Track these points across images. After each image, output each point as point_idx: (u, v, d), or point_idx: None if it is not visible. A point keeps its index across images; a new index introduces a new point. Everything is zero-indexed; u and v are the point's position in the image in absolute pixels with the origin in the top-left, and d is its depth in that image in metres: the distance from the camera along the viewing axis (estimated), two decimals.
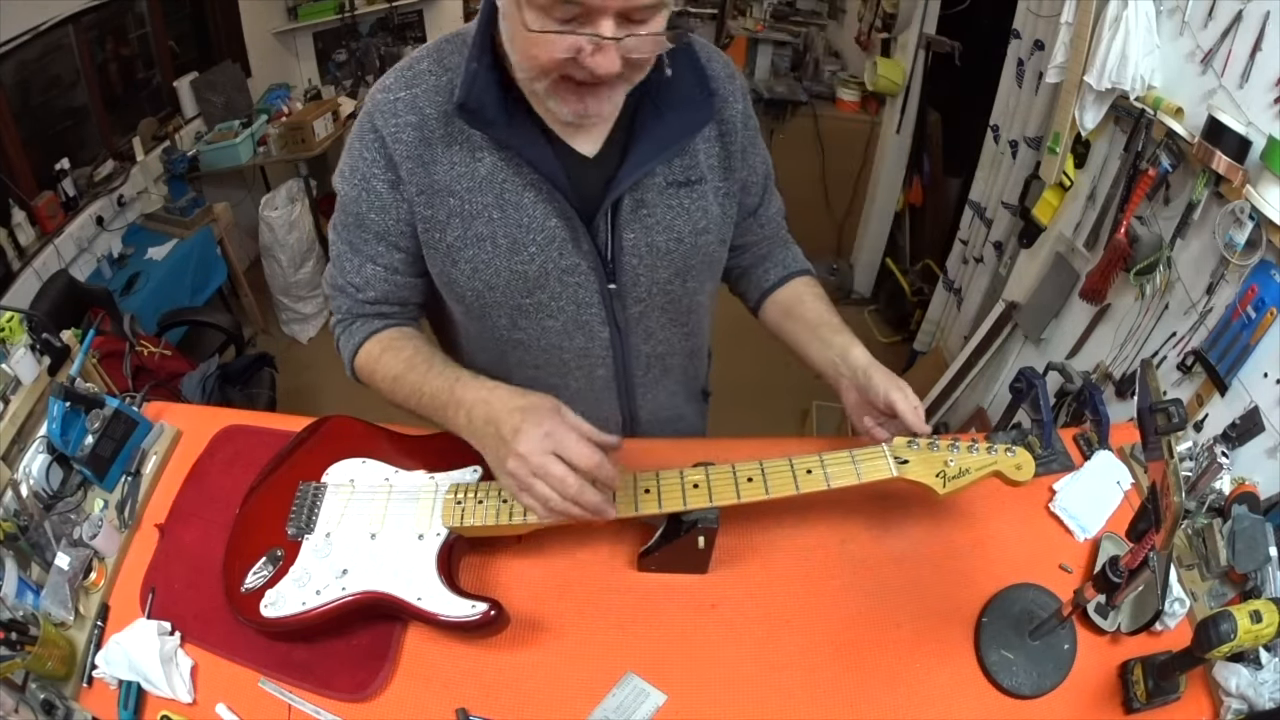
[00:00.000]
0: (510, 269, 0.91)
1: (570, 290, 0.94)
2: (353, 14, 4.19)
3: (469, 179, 0.88)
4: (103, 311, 2.35)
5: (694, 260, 0.97)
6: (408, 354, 0.97)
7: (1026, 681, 0.88)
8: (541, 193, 0.88)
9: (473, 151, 0.87)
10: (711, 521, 0.90)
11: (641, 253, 0.93)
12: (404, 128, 0.87)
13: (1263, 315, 1.13)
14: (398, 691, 0.87)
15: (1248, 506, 1.00)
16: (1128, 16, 1.41)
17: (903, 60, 3.09)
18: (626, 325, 0.99)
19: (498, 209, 0.88)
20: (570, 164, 0.89)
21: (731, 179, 0.98)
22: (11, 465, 1.05)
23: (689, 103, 0.89)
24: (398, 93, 0.87)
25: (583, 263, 0.92)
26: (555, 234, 0.90)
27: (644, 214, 0.92)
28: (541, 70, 0.76)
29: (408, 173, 0.88)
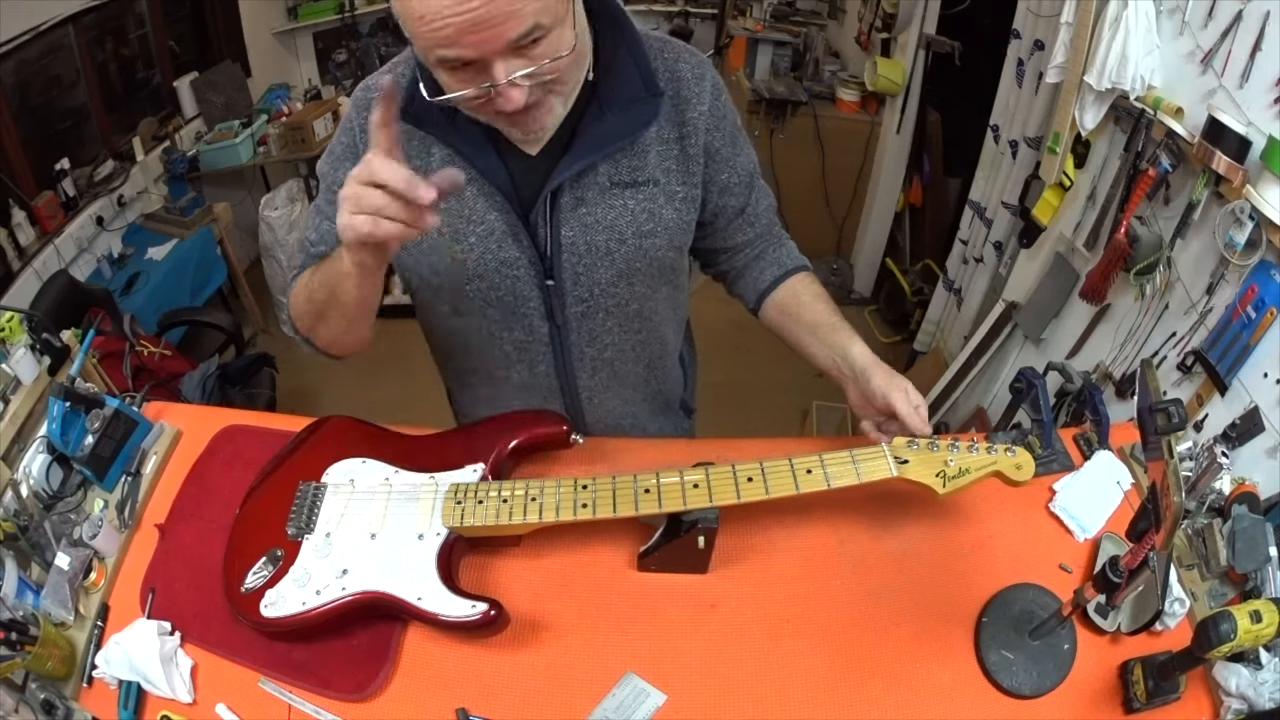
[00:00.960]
0: (451, 256, 0.94)
1: (509, 283, 0.96)
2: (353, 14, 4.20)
3: (424, 172, 0.85)
4: (103, 311, 2.35)
5: (638, 263, 0.97)
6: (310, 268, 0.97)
7: (1026, 681, 0.87)
8: (483, 188, 0.92)
9: (426, 149, 0.92)
10: (711, 521, 0.90)
11: (580, 251, 0.95)
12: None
13: (1263, 315, 1.13)
14: (398, 691, 0.87)
15: (1248, 506, 1.00)
16: (1128, 16, 1.41)
17: (903, 60, 3.08)
18: (566, 323, 1.01)
19: (444, 200, 0.87)
20: (513, 161, 0.91)
21: (690, 182, 0.97)
22: (11, 465, 1.05)
23: (633, 102, 0.90)
24: (372, 92, 0.92)
25: (522, 257, 0.95)
26: (494, 227, 0.93)
27: (583, 212, 0.93)
28: (465, 105, 0.81)
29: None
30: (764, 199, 1.09)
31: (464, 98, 0.77)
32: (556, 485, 0.92)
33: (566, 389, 1.09)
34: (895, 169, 3.35)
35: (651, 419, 1.21)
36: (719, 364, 1.29)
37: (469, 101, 0.78)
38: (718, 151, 0.98)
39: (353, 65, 4.43)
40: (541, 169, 0.92)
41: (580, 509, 0.90)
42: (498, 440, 0.99)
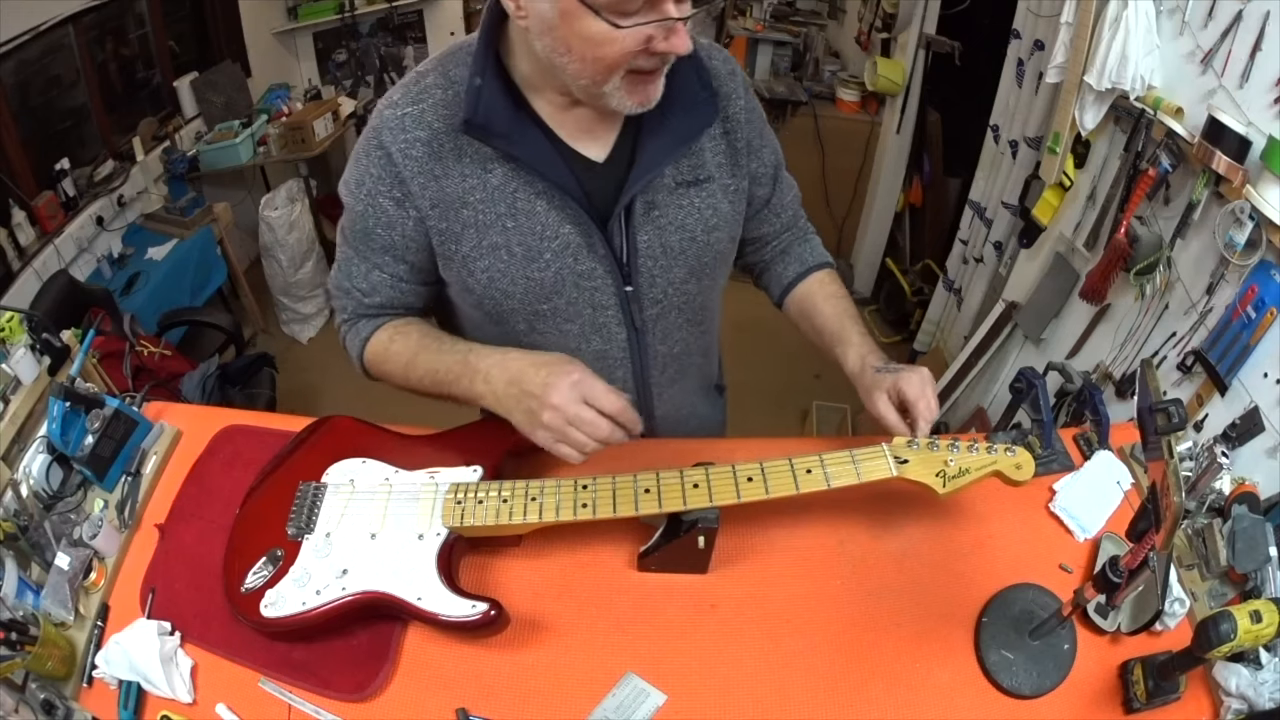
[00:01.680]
0: (526, 276, 0.92)
1: (587, 294, 0.95)
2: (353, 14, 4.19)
3: (481, 190, 0.88)
4: (103, 311, 2.35)
5: (706, 258, 0.99)
6: (416, 337, 0.99)
7: (1026, 681, 0.87)
8: (554, 200, 0.89)
9: (483, 163, 0.88)
10: (711, 521, 0.90)
11: (656, 254, 0.94)
12: (413, 143, 0.87)
13: (1263, 315, 1.13)
14: (398, 691, 0.87)
15: (1248, 506, 1.00)
16: (1128, 16, 1.41)
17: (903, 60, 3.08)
18: (644, 326, 1.00)
19: (511, 218, 0.89)
20: (580, 170, 0.90)
21: (739, 175, 0.99)
22: (11, 465, 1.05)
23: (693, 103, 0.90)
24: (404, 108, 0.88)
25: (598, 267, 0.93)
26: (569, 240, 0.91)
27: (656, 215, 0.93)
28: (611, 68, 0.77)
29: (419, 187, 0.89)
30: (789, 191, 1.10)
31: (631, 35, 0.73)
32: (556, 485, 0.92)
33: (640, 389, 1.08)
34: (895, 169, 3.35)
35: (702, 403, 1.22)
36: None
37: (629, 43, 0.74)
38: (749, 143, 0.99)
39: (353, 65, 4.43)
40: (611, 176, 0.91)
41: (580, 509, 0.90)
42: (498, 440, 0.99)
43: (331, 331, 3.56)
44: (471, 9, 4.44)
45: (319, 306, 3.54)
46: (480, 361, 0.91)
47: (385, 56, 4.49)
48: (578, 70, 0.78)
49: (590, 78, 0.78)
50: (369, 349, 1.03)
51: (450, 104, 0.87)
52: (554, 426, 0.83)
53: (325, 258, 3.53)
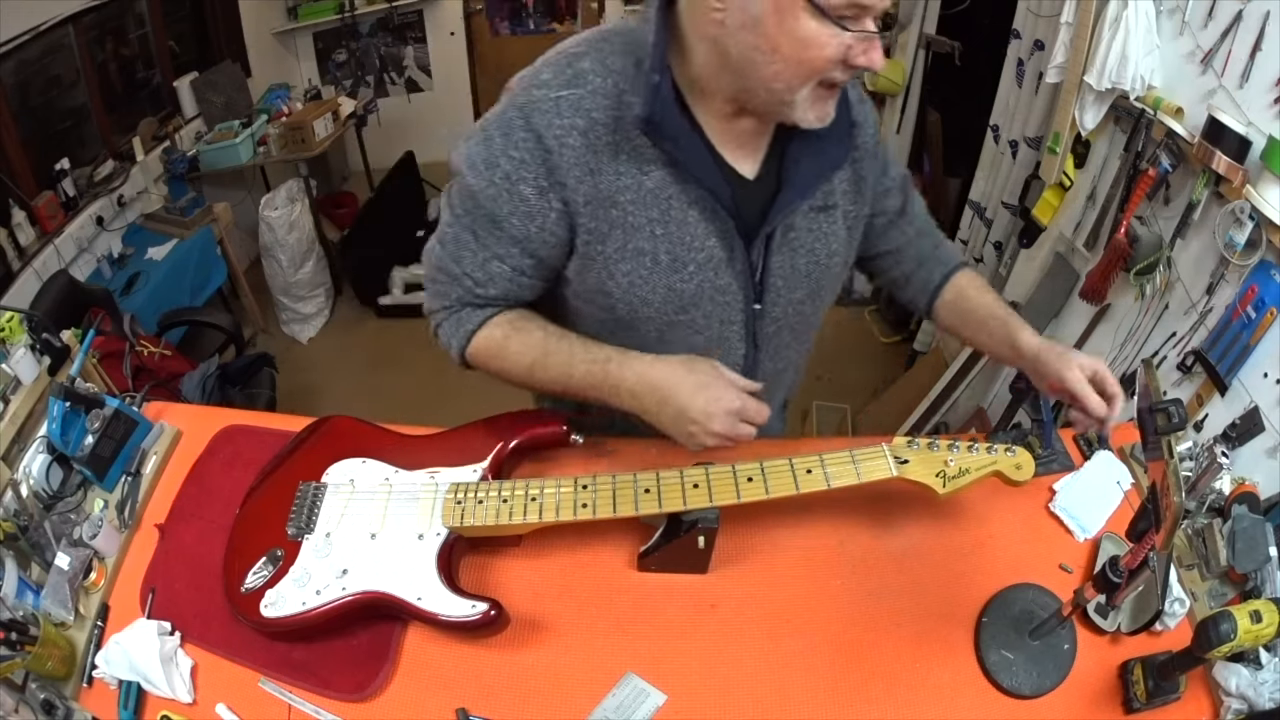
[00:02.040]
0: (668, 286, 0.90)
1: (720, 309, 0.94)
2: (353, 14, 4.20)
3: (634, 191, 0.85)
4: (103, 311, 2.35)
5: (824, 282, 0.98)
6: (539, 336, 0.94)
7: (1026, 681, 0.87)
8: (705, 212, 0.87)
9: (640, 164, 0.84)
10: (711, 521, 0.90)
11: (786, 274, 0.94)
12: (570, 131, 0.82)
13: (1263, 315, 1.13)
14: (398, 691, 0.87)
15: (1248, 506, 1.00)
16: (1128, 16, 1.41)
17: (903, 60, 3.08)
18: (761, 344, 1.00)
19: (661, 225, 0.87)
20: (732, 185, 0.88)
21: (860, 203, 0.98)
22: (11, 465, 1.05)
23: (837, 133, 0.88)
24: (559, 91, 0.82)
25: (734, 283, 0.92)
26: (713, 254, 0.89)
27: (791, 237, 0.92)
28: (811, 74, 0.76)
29: (575, 180, 0.84)
30: (918, 199, 1.09)
31: (835, 41, 0.73)
32: (556, 485, 0.92)
33: None
34: None
35: (776, 418, 1.21)
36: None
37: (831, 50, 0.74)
38: (883, 165, 1.00)
39: (353, 65, 4.43)
40: (758, 195, 0.89)
41: (580, 509, 0.90)
42: (498, 440, 0.99)
43: (332, 331, 3.58)
44: (471, 9, 4.44)
45: (319, 306, 3.55)
46: (622, 374, 0.89)
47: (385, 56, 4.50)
48: (776, 72, 0.76)
49: (787, 82, 0.76)
50: (476, 342, 0.96)
51: (609, 94, 0.82)
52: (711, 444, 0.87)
53: (325, 257, 3.53)
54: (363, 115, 3.88)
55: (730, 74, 0.79)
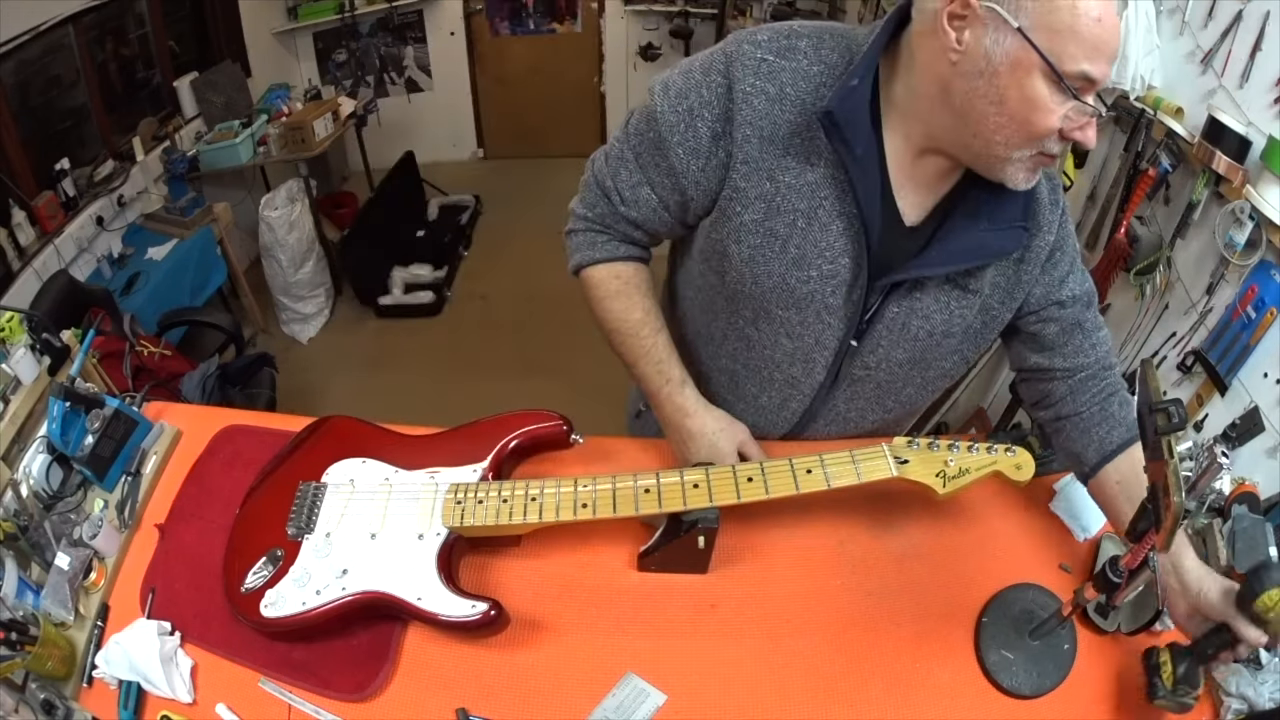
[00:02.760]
0: (783, 277, 0.90)
1: (819, 326, 0.93)
2: (353, 14, 4.20)
3: (794, 176, 0.85)
4: (103, 311, 2.35)
5: (930, 355, 0.97)
6: (636, 316, 1.00)
7: (1026, 681, 0.87)
8: (850, 228, 0.86)
9: (809, 154, 0.84)
10: (711, 521, 0.90)
11: (895, 328, 0.93)
12: (758, 93, 0.83)
13: (1263, 315, 1.13)
14: (398, 691, 0.87)
15: (1248, 506, 1.00)
16: (1128, 16, 1.41)
17: None
18: (841, 381, 0.99)
19: (804, 219, 0.87)
20: (886, 220, 0.87)
21: (1006, 304, 0.94)
22: (11, 465, 1.05)
23: (1008, 222, 0.86)
24: (767, 54, 0.84)
25: (843, 309, 0.91)
26: (839, 271, 0.89)
27: (915, 295, 0.91)
28: (1034, 137, 0.75)
29: (743, 137, 0.85)
30: (1102, 330, 0.99)
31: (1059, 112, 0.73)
32: (556, 485, 0.92)
33: (798, 425, 1.07)
34: None
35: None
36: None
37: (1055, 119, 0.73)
38: (1055, 269, 0.93)
39: (353, 65, 4.43)
40: (906, 241, 0.88)
41: (580, 509, 0.90)
42: (498, 440, 0.99)
43: (331, 331, 3.58)
44: (471, 9, 4.45)
45: (319, 306, 3.55)
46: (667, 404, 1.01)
47: (385, 56, 4.50)
48: (997, 126, 0.75)
49: (1008, 138, 0.76)
50: (592, 271, 1.01)
51: (810, 79, 0.83)
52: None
53: (325, 257, 3.53)
54: (363, 115, 3.88)
55: (947, 113, 0.78)
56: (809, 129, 0.84)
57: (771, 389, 1.02)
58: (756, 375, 1.02)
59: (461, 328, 3.59)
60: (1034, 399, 1.03)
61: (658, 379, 1.00)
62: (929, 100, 0.79)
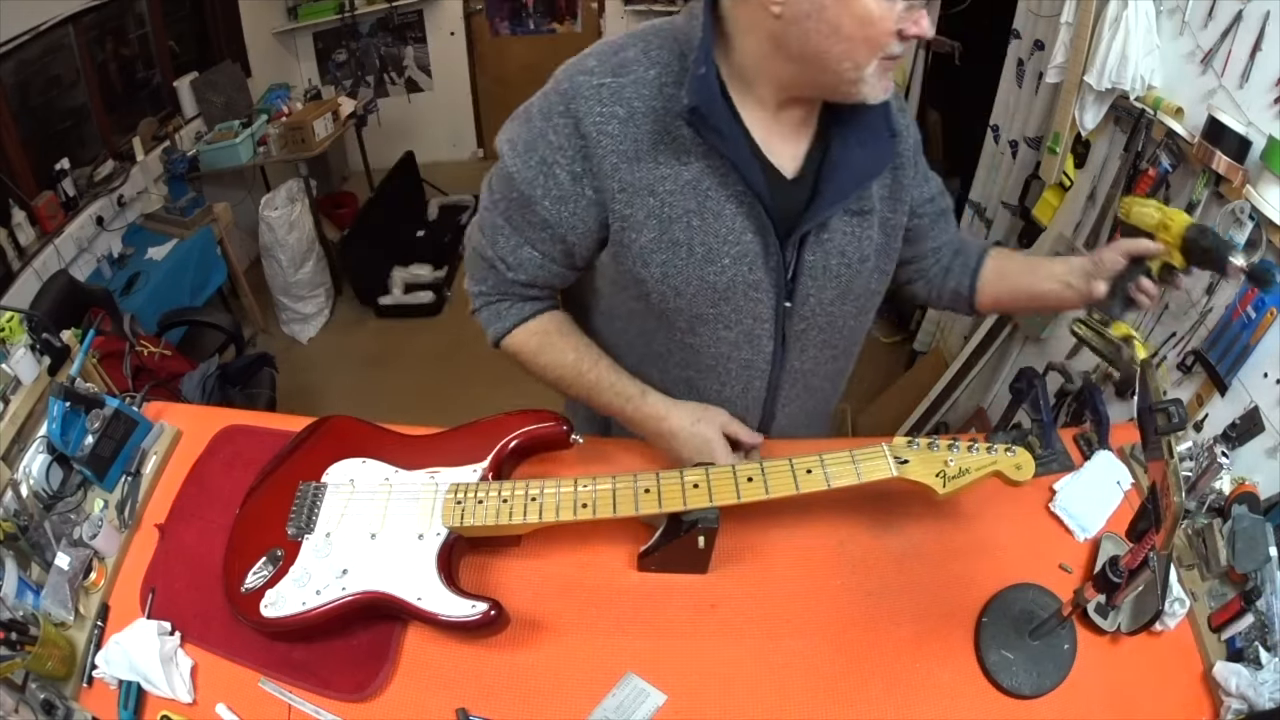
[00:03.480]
0: (701, 278, 0.90)
1: (751, 305, 0.94)
2: (353, 14, 4.20)
3: (672, 181, 0.86)
4: (103, 311, 2.35)
5: (856, 285, 0.98)
6: (572, 357, 1.00)
7: (1026, 681, 0.87)
8: (743, 206, 0.87)
9: (679, 154, 0.85)
10: (711, 521, 0.90)
11: (817, 274, 0.94)
12: (609, 119, 0.83)
13: (1263, 315, 1.13)
14: (398, 691, 0.87)
15: (1248, 506, 1.00)
16: (1128, 16, 1.41)
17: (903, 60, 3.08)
18: (788, 343, 1.00)
19: (698, 216, 0.87)
20: (771, 182, 0.88)
21: (899, 211, 0.98)
22: (11, 465, 1.05)
23: (878, 139, 0.90)
24: (603, 78, 0.84)
25: (766, 279, 0.92)
26: (749, 249, 0.89)
27: (824, 238, 0.92)
28: (876, 47, 0.77)
29: (610, 167, 0.85)
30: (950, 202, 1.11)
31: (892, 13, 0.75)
32: (556, 485, 0.92)
33: (767, 402, 1.07)
34: None
35: (809, 426, 1.21)
36: None
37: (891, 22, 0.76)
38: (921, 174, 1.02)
39: (353, 65, 4.43)
40: (795, 193, 0.90)
41: (580, 509, 0.90)
42: (498, 440, 0.99)
43: (331, 331, 3.58)
44: (471, 9, 4.45)
45: (319, 306, 3.55)
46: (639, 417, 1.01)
47: (385, 56, 4.50)
48: (843, 52, 0.77)
49: (855, 60, 0.78)
50: (512, 342, 1.02)
51: (651, 85, 0.84)
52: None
53: (325, 257, 3.53)
54: (363, 115, 3.88)
55: (787, 62, 0.81)
56: (669, 132, 0.84)
57: (730, 380, 1.03)
58: (711, 373, 1.02)
59: (461, 328, 3.57)
60: (907, 279, 1.14)
61: (618, 401, 1.00)
62: (767, 59, 0.82)
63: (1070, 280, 0.99)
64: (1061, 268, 1.01)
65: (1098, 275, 0.96)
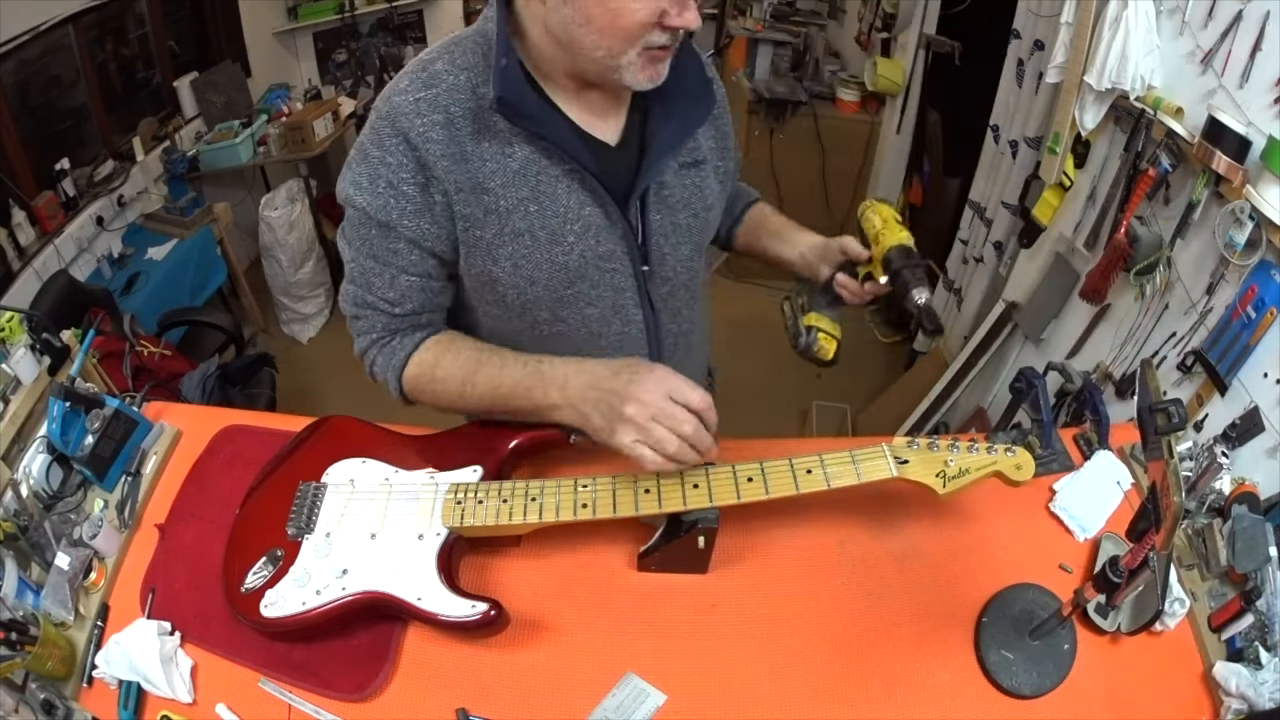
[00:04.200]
0: (550, 261, 0.91)
1: (608, 276, 0.95)
2: (353, 14, 4.19)
3: (502, 174, 0.88)
4: (103, 311, 2.35)
5: (702, 236, 1.03)
6: (469, 353, 0.96)
7: (1026, 681, 0.88)
8: (575, 182, 0.89)
9: (502, 146, 0.87)
10: (711, 521, 0.90)
11: (667, 232, 0.97)
12: (432, 126, 0.85)
13: (1263, 315, 1.13)
14: (398, 691, 0.87)
15: (1248, 506, 1.00)
16: (1128, 16, 1.41)
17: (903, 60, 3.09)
18: (659, 306, 1.02)
19: (534, 202, 0.89)
20: (596, 153, 0.91)
21: (726, 158, 1.04)
22: (11, 465, 1.05)
23: (696, 90, 0.94)
24: (417, 94, 0.86)
25: (618, 248, 0.94)
26: (591, 222, 0.91)
27: (666, 195, 0.95)
28: (628, 39, 0.80)
29: (444, 170, 0.87)
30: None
31: (646, 6, 0.77)
32: (556, 485, 0.92)
33: None
34: (895, 169, 3.35)
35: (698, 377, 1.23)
36: (718, 364, 1.30)
37: (642, 14, 0.77)
38: (728, 115, 1.06)
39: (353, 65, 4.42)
40: (623, 159, 0.93)
41: (580, 509, 0.90)
42: (498, 440, 0.99)
43: (331, 331, 3.57)
44: (471, 9, 4.44)
45: (319, 306, 3.55)
46: (554, 370, 0.90)
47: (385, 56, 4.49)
48: (595, 41, 0.80)
49: (608, 49, 0.80)
50: (410, 369, 0.97)
51: (463, 89, 0.86)
52: (638, 421, 0.82)
53: (325, 257, 3.53)
54: (363, 115, 3.88)
55: (560, 49, 0.84)
56: (489, 127, 0.87)
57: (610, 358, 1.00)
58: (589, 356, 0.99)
59: None
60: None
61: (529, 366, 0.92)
62: (549, 46, 0.85)
63: (806, 255, 1.07)
64: (805, 242, 1.08)
65: (824, 260, 1.03)
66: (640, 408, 0.82)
